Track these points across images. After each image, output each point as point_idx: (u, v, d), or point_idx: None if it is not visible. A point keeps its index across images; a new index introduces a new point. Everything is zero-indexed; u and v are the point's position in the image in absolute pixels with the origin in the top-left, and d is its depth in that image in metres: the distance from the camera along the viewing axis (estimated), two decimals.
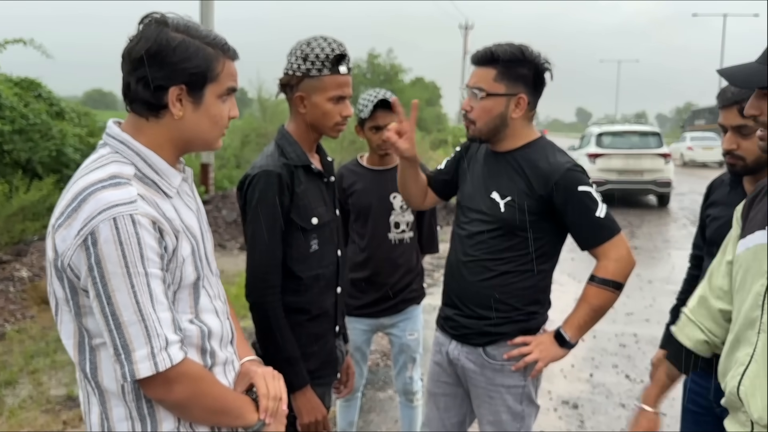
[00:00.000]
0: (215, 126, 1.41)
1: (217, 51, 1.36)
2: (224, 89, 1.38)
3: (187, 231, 1.38)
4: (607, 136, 13.69)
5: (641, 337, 5.44)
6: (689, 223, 11.59)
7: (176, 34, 1.32)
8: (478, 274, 2.11)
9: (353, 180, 2.91)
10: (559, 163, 2.05)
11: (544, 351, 2.07)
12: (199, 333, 1.40)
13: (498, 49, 2.03)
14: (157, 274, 1.26)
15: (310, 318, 2.00)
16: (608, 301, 2.06)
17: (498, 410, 2.15)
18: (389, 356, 4.75)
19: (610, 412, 4.03)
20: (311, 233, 1.96)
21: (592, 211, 2.03)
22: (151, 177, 1.35)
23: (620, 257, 2.04)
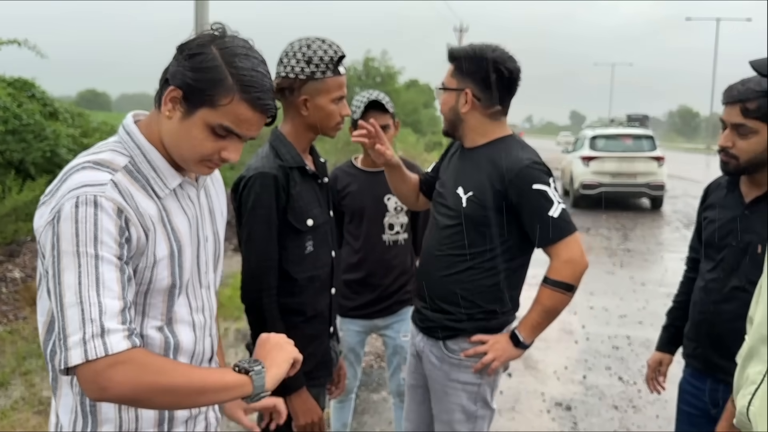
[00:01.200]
0: (191, 149, 1.30)
1: (236, 86, 1.26)
2: (218, 123, 1.27)
3: (172, 233, 1.32)
4: (601, 139, 13.75)
5: (634, 339, 5.46)
6: (682, 226, 11.64)
7: (214, 49, 1.27)
8: (443, 268, 2.13)
9: (348, 181, 2.91)
10: (517, 159, 2.05)
11: (499, 350, 2.07)
12: (163, 344, 1.33)
13: (457, 47, 2.14)
14: (110, 260, 1.18)
15: (305, 319, 2.00)
16: (560, 302, 2.04)
17: (452, 408, 2.16)
18: (383, 358, 4.75)
19: (603, 413, 4.04)
20: (306, 235, 1.97)
21: (545, 209, 2.00)
22: (145, 172, 1.31)
23: (570, 258, 2.01)
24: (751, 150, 1.94)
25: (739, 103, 1.93)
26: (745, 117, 1.92)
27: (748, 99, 1.91)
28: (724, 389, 2.04)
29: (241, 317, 5.64)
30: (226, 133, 1.29)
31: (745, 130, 1.93)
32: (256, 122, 1.31)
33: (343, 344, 2.98)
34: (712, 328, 2.05)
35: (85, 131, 9.68)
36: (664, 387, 2.44)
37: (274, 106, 1.33)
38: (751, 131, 1.93)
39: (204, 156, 1.31)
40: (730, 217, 2.05)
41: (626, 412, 4.07)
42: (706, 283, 2.10)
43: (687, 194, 16.60)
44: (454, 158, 2.26)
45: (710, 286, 2.07)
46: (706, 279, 2.10)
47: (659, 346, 2.42)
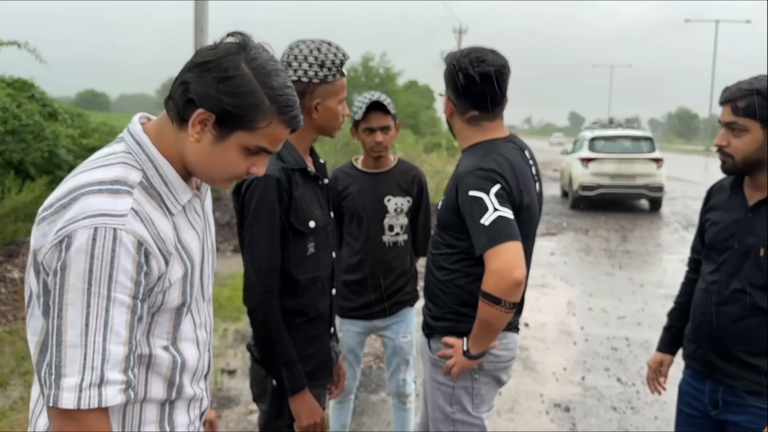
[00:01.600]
0: (224, 171, 1.28)
1: (273, 107, 1.23)
2: (254, 145, 1.25)
3: (184, 252, 1.28)
4: (600, 140, 13.75)
5: (633, 340, 5.46)
6: (681, 227, 11.65)
7: (246, 68, 1.21)
8: (429, 267, 2.20)
9: (348, 182, 2.92)
10: (468, 165, 2.03)
11: (458, 357, 2.07)
12: (171, 363, 1.29)
13: (447, 53, 2.15)
14: (122, 301, 1.12)
15: (307, 320, 2.00)
16: (491, 315, 1.93)
17: (433, 405, 2.19)
18: (382, 359, 4.76)
19: (601, 415, 4.05)
20: (308, 236, 1.97)
21: (477, 216, 1.93)
22: (158, 188, 1.25)
23: (495, 270, 1.89)
24: (745, 148, 1.96)
25: (730, 103, 1.97)
26: (735, 115, 1.96)
27: (738, 98, 1.96)
28: (723, 390, 2.05)
29: (240, 318, 5.64)
30: (259, 152, 1.27)
31: (737, 128, 1.97)
32: (286, 136, 1.30)
33: (342, 345, 2.99)
34: (712, 330, 2.06)
35: (84, 132, 9.68)
36: (665, 388, 2.45)
37: (301, 118, 1.32)
38: (743, 129, 1.96)
39: (234, 176, 1.30)
40: (732, 220, 2.06)
41: (625, 413, 4.07)
42: (707, 285, 2.10)
43: (686, 196, 16.62)
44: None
45: (711, 288, 2.08)
46: (708, 281, 2.11)
47: (660, 347, 2.43)
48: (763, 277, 1.95)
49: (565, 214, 12.99)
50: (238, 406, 4.01)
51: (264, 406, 2.04)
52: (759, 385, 1.97)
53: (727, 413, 2.06)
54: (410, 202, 2.93)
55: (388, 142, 2.83)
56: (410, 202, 2.93)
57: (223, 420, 3.83)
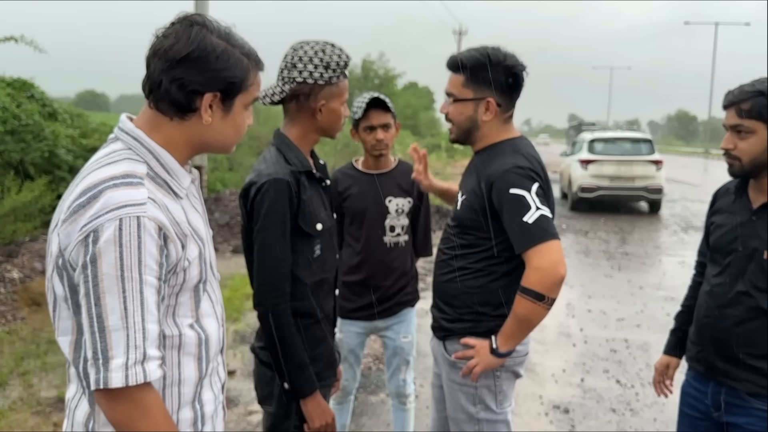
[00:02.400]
0: (237, 134, 1.42)
1: (251, 62, 1.38)
2: (250, 99, 1.40)
3: (195, 233, 1.35)
4: (599, 142, 13.76)
5: (632, 342, 5.46)
6: (680, 229, 11.66)
7: (218, 40, 1.32)
8: (442, 268, 2.19)
9: (349, 183, 2.92)
10: (502, 164, 2.04)
11: (482, 356, 2.06)
12: (197, 340, 1.37)
13: (464, 56, 2.10)
14: (152, 283, 1.21)
15: (314, 322, 2.01)
16: (531, 311, 1.95)
17: (455, 407, 2.18)
18: (382, 360, 4.76)
19: (600, 416, 4.05)
20: (316, 239, 1.97)
21: (519, 215, 1.95)
22: (162, 176, 1.32)
23: (540, 266, 1.92)
24: (752, 150, 1.97)
25: (735, 105, 1.98)
26: (740, 118, 1.97)
27: (742, 100, 1.96)
28: (726, 392, 2.05)
29: (239, 319, 5.64)
30: (252, 103, 1.42)
31: (744, 131, 1.97)
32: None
33: (343, 346, 2.99)
34: (716, 332, 2.06)
35: (84, 132, 9.67)
36: (671, 390, 2.44)
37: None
38: (749, 131, 1.96)
39: (243, 133, 1.44)
40: (737, 223, 2.06)
41: (624, 415, 4.07)
42: (711, 288, 2.11)
43: (685, 198, 16.63)
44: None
45: (715, 291, 2.08)
46: (712, 283, 2.11)
47: (666, 350, 2.42)
48: (767, 279, 1.96)
49: (565, 215, 12.99)
50: (237, 406, 4.01)
51: (270, 408, 2.03)
52: (762, 387, 1.97)
53: (729, 415, 2.06)
54: (411, 203, 2.93)
55: (389, 140, 2.83)
56: (411, 203, 2.93)
57: None
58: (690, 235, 10.94)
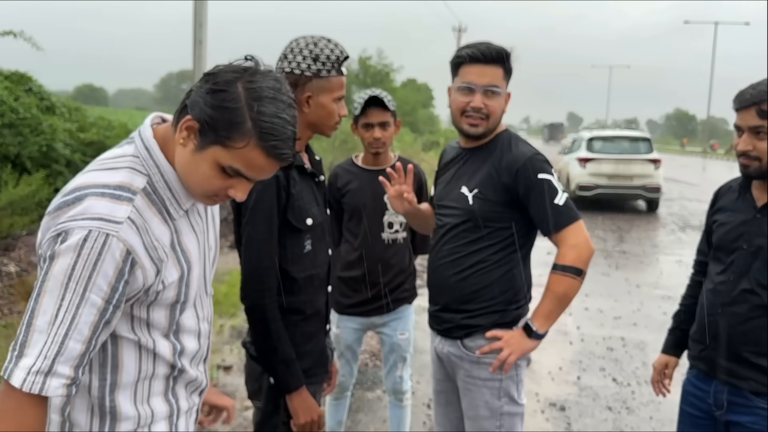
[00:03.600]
0: (199, 184, 1.29)
1: (254, 131, 1.22)
2: (228, 165, 1.25)
3: (182, 255, 1.34)
4: (598, 140, 13.77)
5: (629, 341, 5.47)
6: (678, 228, 11.67)
7: (240, 86, 1.23)
8: (453, 267, 2.16)
9: (348, 179, 2.92)
10: (521, 151, 2.12)
11: (514, 345, 2.09)
12: (171, 350, 1.39)
13: (501, 49, 2.11)
14: (95, 302, 1.18)
15: (304, 318, 2.00)
16: (571, 287, 2.06)
17: (476, 404, 2.17)
18: (378, 357, 4.76)
19: (596, 414, 4.05)
20: (306, 234, 1.97)
21: (550, 198, 2.06)
22: (161, 194, 1.30)
23: (578, 243, 2.06)
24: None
25: (754, 106, 1.94)
26: (761, 118, 1.93)
27: (763, 101, 1.93)
28: (729, 391, 2.05)
29: (236, 314, 5.64)
30: (235, 174, 1.27)
31: (764, 131, 1.94)
32: (268, 168, 1.28)
33: (340, 342, 2.99)
34: (719, 331, 2.06)
35: (81, 126, 9.64)
36: (670, 390, 2.44)
37: (292, 154, 1.28)
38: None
39: (209, 192, 1.30)
40: (741, 221, 2.06)
41: (620, 413, 4.08)
42: (714, 286, 2.10)
43: (683, 197, 16.65)
44: (450, 163, 2.31)
45: (719, 289, 2.07)
46: (715, 281, 2.10)
47: (665, 349, 2.41)
48: None
49: None
50: (234, 402, 4.00)
51: (259, 403, 2.03)
52: (765, 385, 1.97)
53: (731, 414, 2.05)
54: None
55: (387, 138, 2.83)
56: None
57: None
58: (687, 234, 10.96)
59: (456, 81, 2.17)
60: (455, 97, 2.17)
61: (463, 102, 2.14)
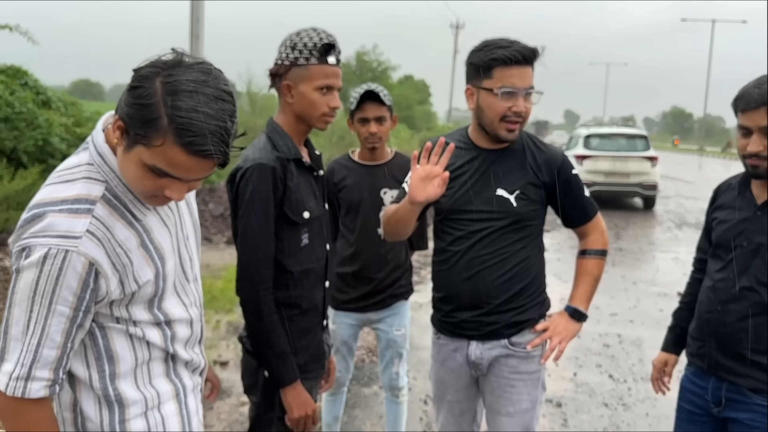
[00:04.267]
0: (134, 184, 1.27)
1: (169, 128, 1.16)
2: (151, 164, 1.20)
3: (155, 252, 1.37)
4: (595, 138, 13.77)
5: (625, 337, 5.48)
6: (674, 226, 11.69)
7: (157, 82, 1.17)
8: (500, 269, 2.14)
9: (344, 174, 2.91)
10: (553, 150, 2.23)
11: (563, 331, 2.19)
12: (162, 337, 1.43)
13: (535, 49, 2.05)
14: (62, 312, 1.24)
15: (299, 312, 1.99)
16: (602, 268, 2.29)
17: (520, 399, 2.20)
18: (375, 353, 4.75)
19: (593, 411, 4.06)
20: (302, 227, 1.96)
21: (583, 191, 2.26)
22: (122, 197, 1.32)
23: (604, 229, 2.31)
24: None
25: (765, 106, 1.90)
26: None
27: None
28: (727, 388, 2.05)
29: (233, 310, 5.63)
30: (163, 174, 1.22)
31: None
32: (195, 167, 1.20)
33: (336, 337, 2.98)
34: (719, 328, 2.05)
35: (77, 120, 9.60)
36: (669, 388, 2.43)
37: (220, 151, 1.19)
38: None
39: (146, 192, 1.28)
40: (741, 218, 2.05)
41: (616, 409, 4.09)
42: (714, 283, 2.09)
43: (679, 195, 16.68)
44: (467, 168, 2.17)
45: (718, 286, 2.07)
46: (715, 279, 2.09)
47: (665, 347, 2.41)
48: None
49: None
50: (230, 397, 4.00)
51: (255, 398, 2.02)
52: (764, 383, 1.97)
53: (730, 411, 2.05)
54: None
55: (383, 133, 2.82)
56: None
57: (215, 411, 3.82)
58: (684, 232, 10.98)
59: (488, 83, 2.06)
60: (493, 102, 2.05)
61: (505, 107, 2.05)
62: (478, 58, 2.08)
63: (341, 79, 1.97)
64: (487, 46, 2.07)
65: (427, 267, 7.67)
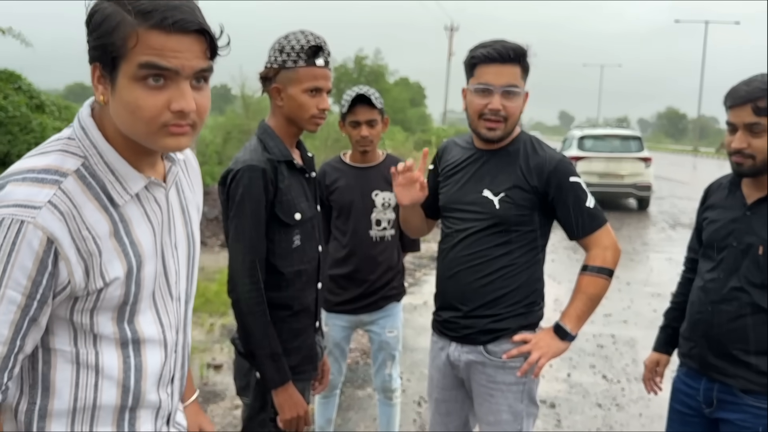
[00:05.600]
0: (134, 118, 1.10)
1: (135, 20, 1.06)
2: (138, 64, 1.07)
3: (130, 247, 1.16)
4: (589, 139, 13.81)
5: (619, 338, 5.49)
6: (668, 226, 11.73)
7: (105, 1, 1.09)
8: (478, 272, 2.11)
9: (336, 177, 2.92)
10: (550, 154, 2.12)
11: (544, 347, 2.08)
12: (123, 367, 1.19)
13: (515, 46, 2.06)
14: (13, 299, 1.05)
15: (291, 314, 2.00)
16: (603, 289, 2.11)
17: (499, 409, 2.13)
18: (368, 354, 4.76)
19: (586, 411, 4.07)
20: (294, 229, 1.97)
21: (583, 201, 2.10)
22: (101, 177, 1.14)
23: (611, 245, 2.11)
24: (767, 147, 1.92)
25: (750, 103, 1.91)
26: (757, 115, 1.91)
27: (758, 97, 1.90)
28: (718, 389, 2.05)
29: (227, 313, 5.62)
30: (156, 75, 1.08)
31: (759, 128, 1.92)
32: (181, 47, 1.08)
33: (328, 339, 2.98)
34: (709, 328, 2.05)
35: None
36: (661, 388, 2.44)
37: (197, 22, 1.10)
38: (764, 128, 1.92)
39: (154, 119, 1.10)
40: (731, 218, 2.05)
41: (610, 410, 4.10)
42: (704, 283, 2.09)
43: (673, 195, 16.73)
44: (459, 164, 2.21)
45: (709, 286, 2.07)
46: (705, 279, 2.10)
47: (656, 347, 2.41)
48: (762, 275, 1.94)
49: None
50: (224, 400, 4.00)
51: (247, 400, 2.03)
52: (755, 384, 1.97)
53: (721, 411, 2.05)
54: None
55: (374, 136, 2.83)
56: None
57: (209, 415, 3.81)
58: (678, 232, 11.01)
59: (472, 82, 2.09)
60: (472, 99, 2.09)
61: (481, 104, 2.06)
62: (466, 59, 2.13)
63: (331, 80, 1.99)
64: (474, 47, 2.11)
65: (422, 269, 7.68)
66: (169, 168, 1.27)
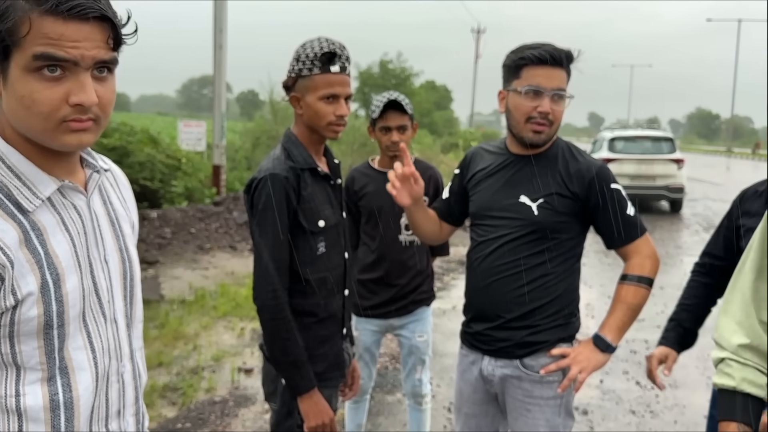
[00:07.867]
0: (30, 113, 1.01)
1: (27, 4, 0.97)
2: (28, 58, 0.98)
3: (44, 258, 1.04)
4: (620, 141, 13.63)
5: (652, 343, 5.39)
6: (702, 229, 11.51)
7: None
8: (515, 282, 2.04)
9: (364, 182, 2.92)
10: (590, 161, 2.07)
11: (584, 361, 2.01)
12: (49, 405, 1.06)
13: (569, 52, 2.02)
14: None
15: (317, 320, 2.00)
16: (644, 299, 2.06)
17: (536, 424, 2.07)
18: (398, 359, 4.74)
19: (620, 418, 4.00)
20: (318, 236, 1.97)
21: (624, 208, 2.05)
22: (4, 182, 1.04)
23: (652, 254, 2.08)
24: None
25: None
26: None
27: None
28: None
29: (257, 317, 5.66)
30: (52, 65, 0.99)
31: None
32: (80, 35, 1.00)
33: (358, 344, 2.98)
34: None
35: (104, 131, 9.71)
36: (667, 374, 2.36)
37: (95, 6, 1.00)
38: None
39: (52, 114, 1.01)
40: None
41: (644, 417, 4.02)
42: None
43: (707, 197, 16.42)
44: (493, 170, 2.16)
45: None
46: None
47: (666, 342, 2.34)
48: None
49: None
50: (255, 405, 4.02)
51: (275, 405, 2.03)
52: None
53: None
54: (426, 202, 2.91)
55: (405, 141, 2.82)
56: (426, 202, 2.91)
57: (240, 419, 3.84)
58: None
59: (516, 84, 2.03)
60: (519, 102, 2.02)
61: (530, 107, 2.00)
62: (509, 60, 2.07)
63: (349, 86, 1.97)
64: (520, 48, 2.05)
65: (450, 273, 7.65)
66: (89, 175, 1.17)
